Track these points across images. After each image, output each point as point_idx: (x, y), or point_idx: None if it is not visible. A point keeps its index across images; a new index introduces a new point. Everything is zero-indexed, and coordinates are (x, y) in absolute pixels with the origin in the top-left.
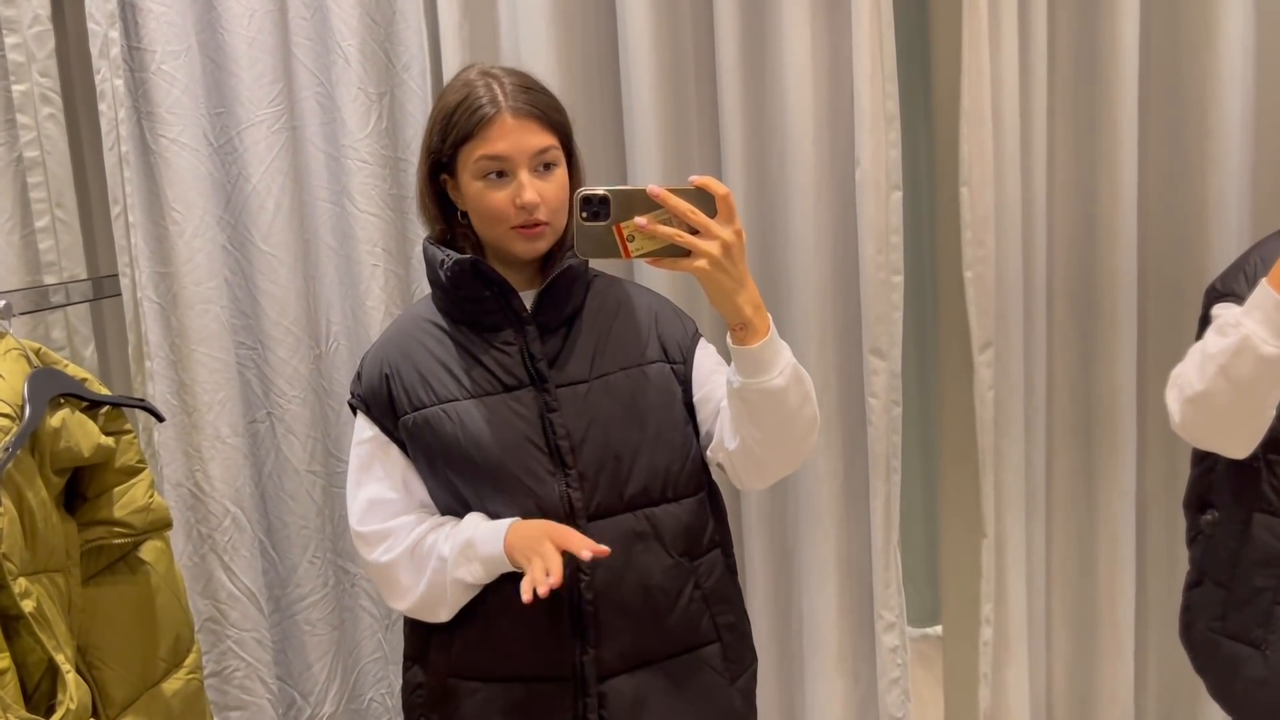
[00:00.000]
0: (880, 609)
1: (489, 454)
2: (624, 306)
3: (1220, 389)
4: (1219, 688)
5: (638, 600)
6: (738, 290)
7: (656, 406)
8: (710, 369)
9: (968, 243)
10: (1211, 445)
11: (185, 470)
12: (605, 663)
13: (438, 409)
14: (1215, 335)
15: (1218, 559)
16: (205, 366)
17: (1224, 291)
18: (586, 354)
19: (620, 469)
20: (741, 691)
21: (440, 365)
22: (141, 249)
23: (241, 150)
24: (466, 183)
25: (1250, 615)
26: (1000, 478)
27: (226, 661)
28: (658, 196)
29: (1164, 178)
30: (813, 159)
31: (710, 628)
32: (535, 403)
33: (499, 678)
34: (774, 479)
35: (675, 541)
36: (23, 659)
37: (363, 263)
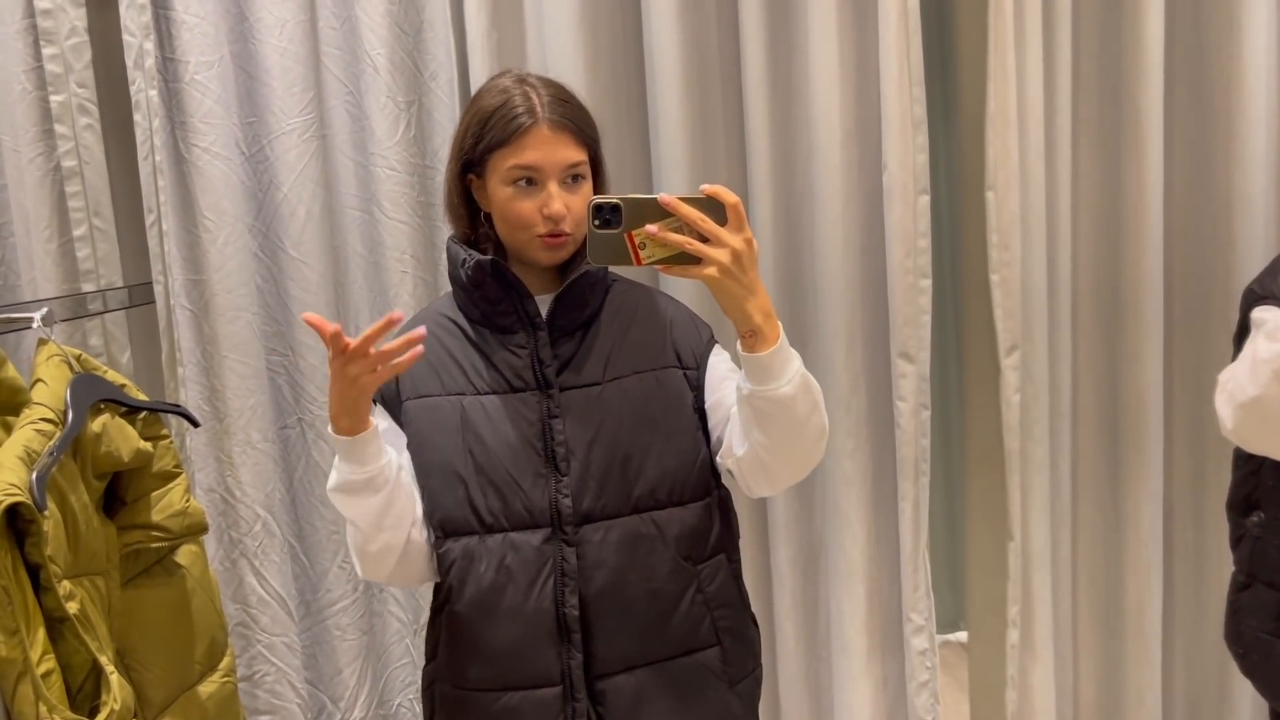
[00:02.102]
0: (909, 612)
1: (486, 449)
2: (641, 311)
3: (1275, 394)
4: (1272, 688)
5: (640, 601)
6: (748, 297)
7: (668, 411)
8: (723, 375)
9: (993, 246)
10: (1266, 450)
11: (217, 476)
12: (605, 662)
13: (444, 399)
14: (1266, 340)
15: (1268, 561)
16: (236, 373)
17: (1262, 294)
18: (602, 357)
19: (629, 470)
20: (741, 696)
21: (451, 359)
22: (175, 256)
23: (273, 159)
24: (495, 187)
25: None
26: (1026, 480)
27: (257, 666)
28: (669, 205)
29: (1189, 180)
30: (840, 164)
31: (711, 631)
32: (539, 406)
33: (491, 686)
34: (783, 486)
35: (679, 544)
36: (67, 660)
37: (391, 269)
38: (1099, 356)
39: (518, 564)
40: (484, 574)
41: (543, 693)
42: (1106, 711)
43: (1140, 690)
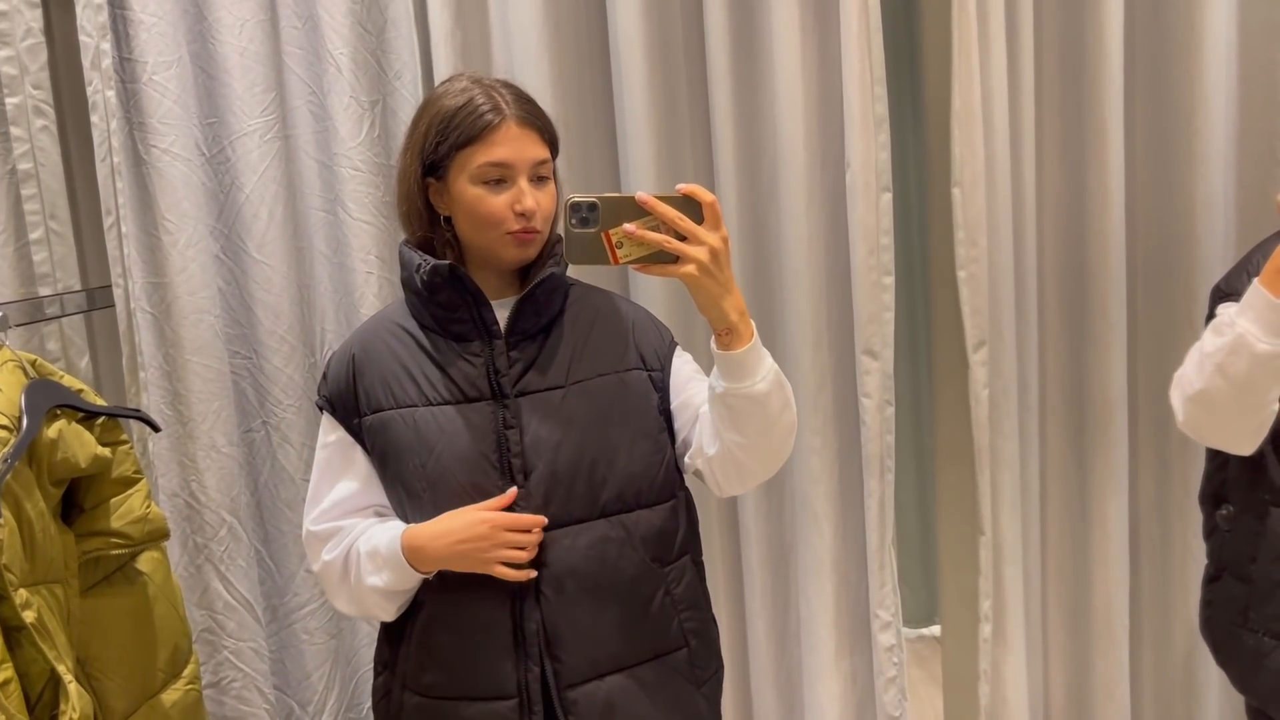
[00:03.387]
0: (876, 608)
1: (438, 462)
2: (601, 314)
3: (1218, 386)
4: (1244, 680)
5: (611, 605)
6: (724, 295)
7: (632, 412)
8: (688, 376)
9: (960, 243)
10: (1215, 443)
11: (181, 480)
12: (576, 670)
13: (394, 413)
14: (1212, 335)
15: (1237, 553)
16: (200, 376)
17: (1228, 291)
18: (564, 360)
19: (595, 474)
20: (707, 697)
21: (403, 370)
22: (135, 259)
23: (234, 160)
24: (462, 187)
25: (1273, 608)
26: (996, 475)
27: (224, 672)
28: (646, 204)
29: (1152, 177)
30: (804, 162)
31: (679, 633)
32: (493, 416)
33: (446, 695)
34: (754, 484)
35: (648, 546)
36: (25, 669)
37: (356, 270)
38: (1065, 352)
39: (475, 577)
40: (442, 583)
41: (498, 705)
42: (1077, 703)
43: (1109, 683)
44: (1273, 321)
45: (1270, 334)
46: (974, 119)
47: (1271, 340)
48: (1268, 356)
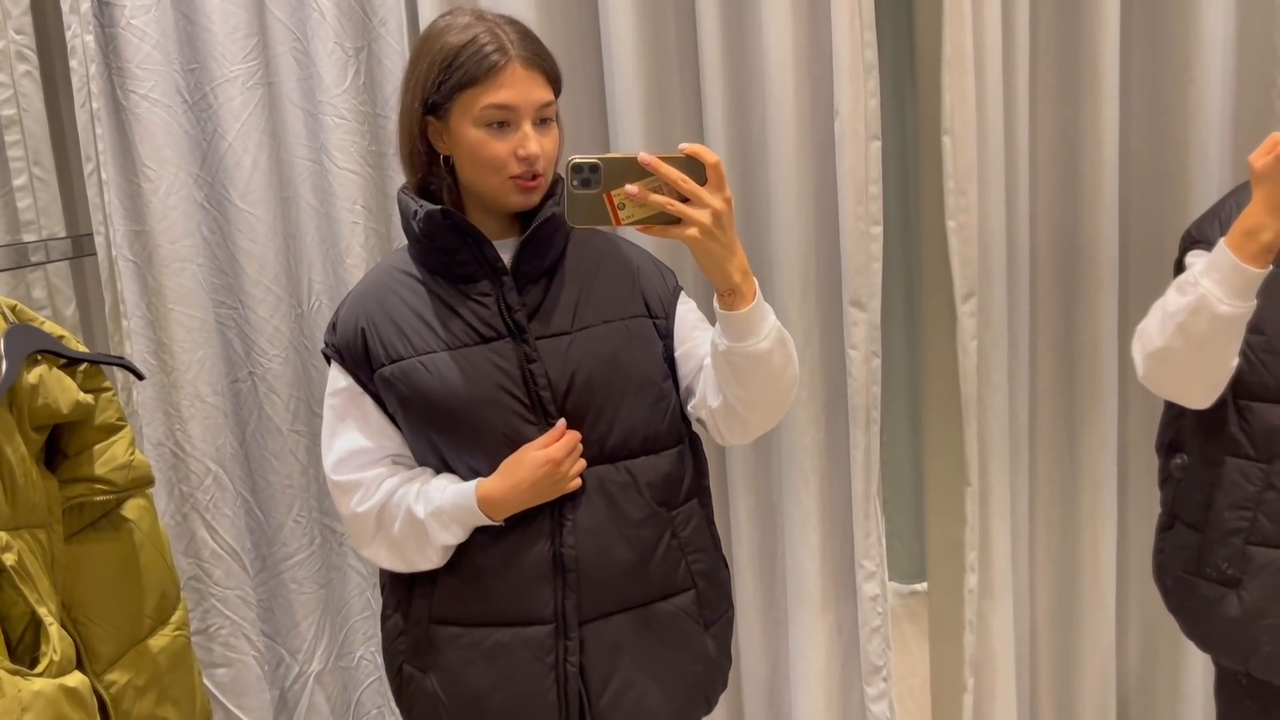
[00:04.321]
0: (861, 559)
1: (467, 406)
2: (605, 259)
3: (1178, 345)
4: (1193, 627)
5: (618, 548)
6: (728, 257)
7: (638, 360)
8: (692, 324)
9: (950, 192)
10: (1173, 397)
11: (166, 430)
12: (584, 608)
13: (415, 360)
14: (1176, 293)
15: (1190, 502)
16: (183, 326)
17: (1198, 238)
18: (569, 306)
19: (601, 421)
20: (715, 637)
21: (416, 317)
22: (115, 206)
23: (216, 107)
24: (464, 129)
25: (1224, 556)
26: (984, 427)
27: (211, 619)
28: (648, 164)
29: (1147, 126)
30: (793, 111)
31: (686, 575)
32: (515, 354)
33: (483, 623)
34: (755, 435)
35: (654, 491)
36: (5, 612)
37: (342, 220)
38: (1056, 304)
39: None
40: None
41: (534, 630)
42: (1063, 654)
43: (1095, 632)
44: (1236, 284)
45: (1232, 296)
46: (965, 66)
47: (1233, 302)
48: (1229, 318)
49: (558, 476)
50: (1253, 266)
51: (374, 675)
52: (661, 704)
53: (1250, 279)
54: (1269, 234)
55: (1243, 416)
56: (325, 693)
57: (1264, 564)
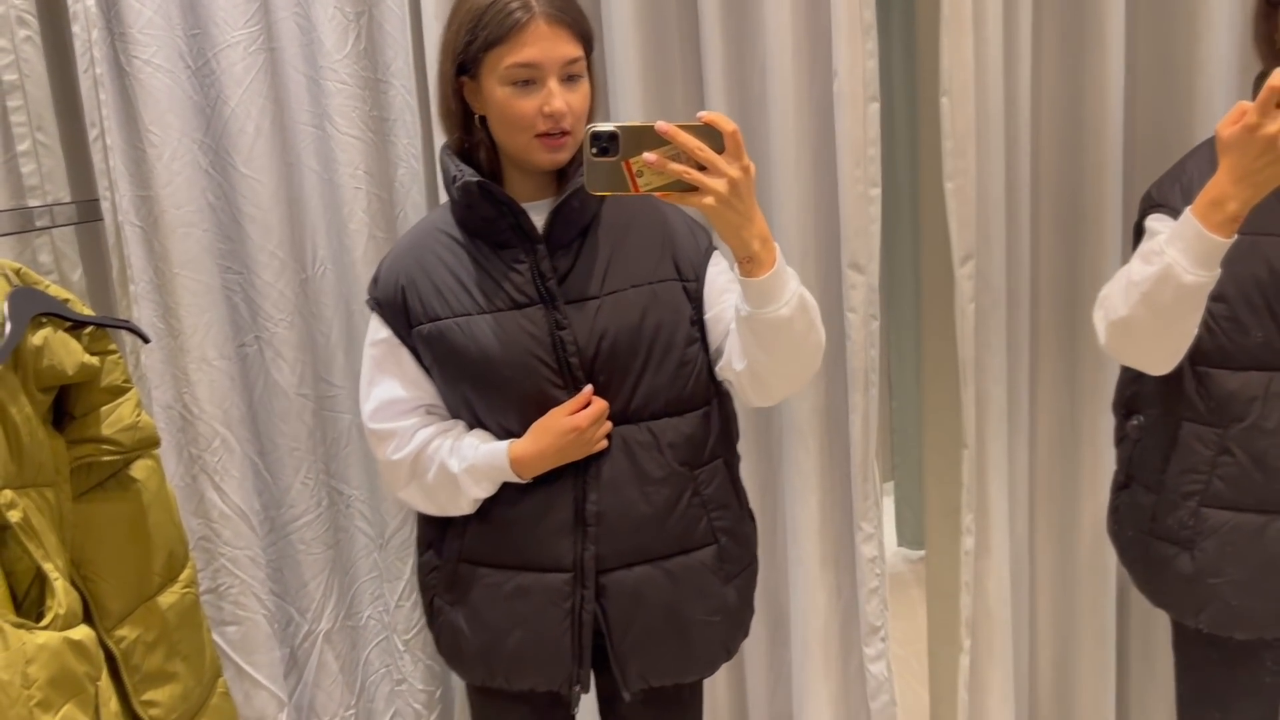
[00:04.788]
0: (859, 520)
1: (500, 369)
2: (637, 221)
3: (1142, 315)
4: (1147, 583)
5: (638, 503)
6: (745, 225)
7: (665, 325)
8: (722, 287)
9: (948, 154)
10: (1134, 363)
11: (174, 393)
12: (606, 558)
13: (451, 322)
14: (1140, 263)
15: (1146, 463)
16: (188, 290)
17: (1159, 201)
18: (599, 270)
19: (626, 384)
20: (737, 589)
21: (454, 279)
22: (120, 172)
23: (219, 72)
24: (491, 87)
25: (1179, 517)
26: (982, 390)
27: (221, 579)
28: (666, 133)
29: (1152, 85)
30: (792, 73)
31: (708, 531)
32: (546, 320)
33: (507, 565)
34: (780, 398)
35: (675, 452)
36: (11, 568)
37: (345, 186)
38: (1059, 266)
39: None
40: None
41: (553, 577)
42: (1062, 615)
43: (1094, 595)
44: (1201, 253)
45: (1198, 265)
46: (964, 26)
47: (1198, 271)
48: (1193, 287)
49: (582, 443)
50: (1218, 236)
51: (381, 635)
52: (680, 651)
53: (1215, 248)
54: (1235, 204)
55: (1200, 382)
56: (334, 651)
57: (1217, 525)
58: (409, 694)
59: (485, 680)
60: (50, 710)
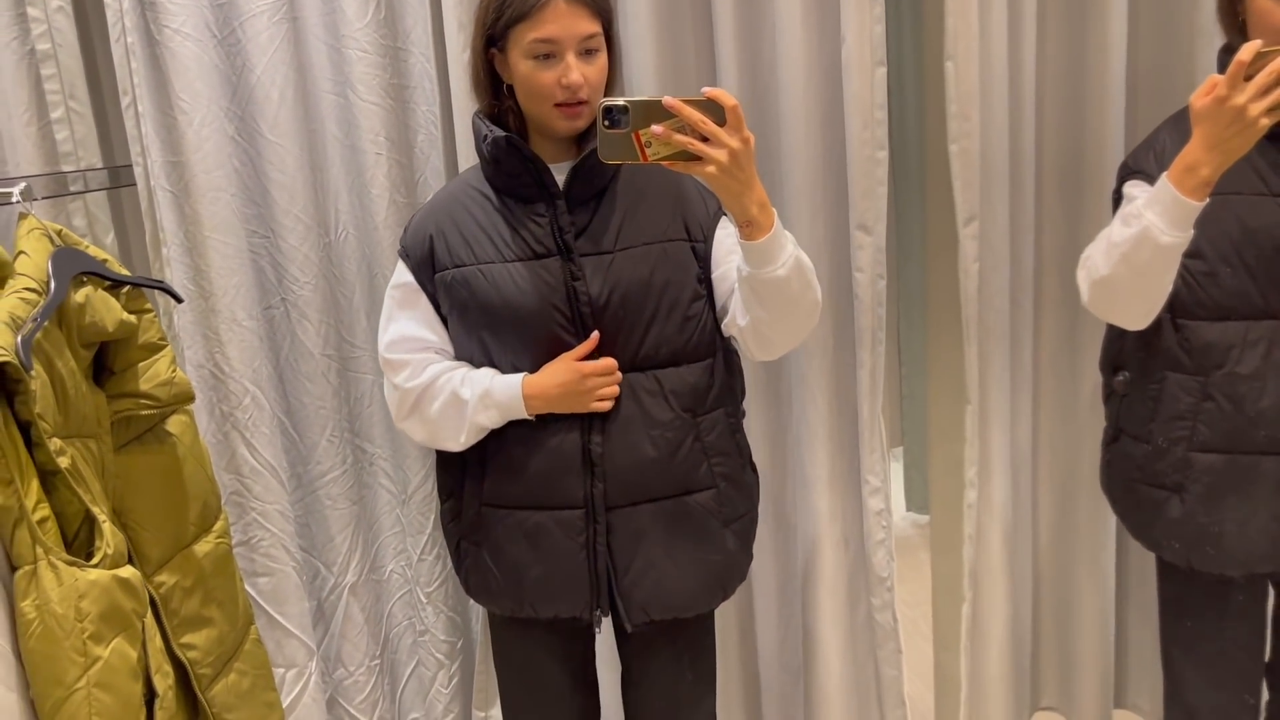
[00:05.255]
0: (866, 474)
1: (518, 313)
2: (652, 183)
3: (1122, 274)
4: (1140, 529)
5: (643, 445)
6: (744, 192)
7: (672, 282)
8: (729, 249)
9: (952, 117)
10: (1114, 319)
11: (206, 352)
12: (612, 496)
13: (476, 269)
14: (1120, 225)
15: (1134, 416)
16: (219, 253)
17: (1135, 169)
18: (614, 227)
19: (635, 334)
20: (736, 534)
21: (481, 230)
22: (152, 138)
23: (244, 41)
24: (516, 60)
25: (1168, 464)
26: (985, 347)
27: (252, 532)
28: (673, 107)
29: (1154, 48)
30: (801, 39)
31: (708, 475)
32: (562, 271)
33: (524, 506)
34: (781, 353)
35: (679, 399)
36: (61, 510)
37: (366, 152)
38: (1062, 227)
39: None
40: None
41: (567, 514)
42: (1063, 566)
43: (1094, 550)
44: (1177, 216)
45: (1173, 227)
46: None
47: (1174, 233)
48: (1169, 247)
49: (583, 390)
50: (1192, 200)
51: (404, 589)
52: (678, 585)
53: (1190, 211)
54: (1207, 169)
55: (1181, 334)
56: (360, 603)
57: (1204, 469)
58: (431, 644)
59: (514, 611)
60: (101, 642)
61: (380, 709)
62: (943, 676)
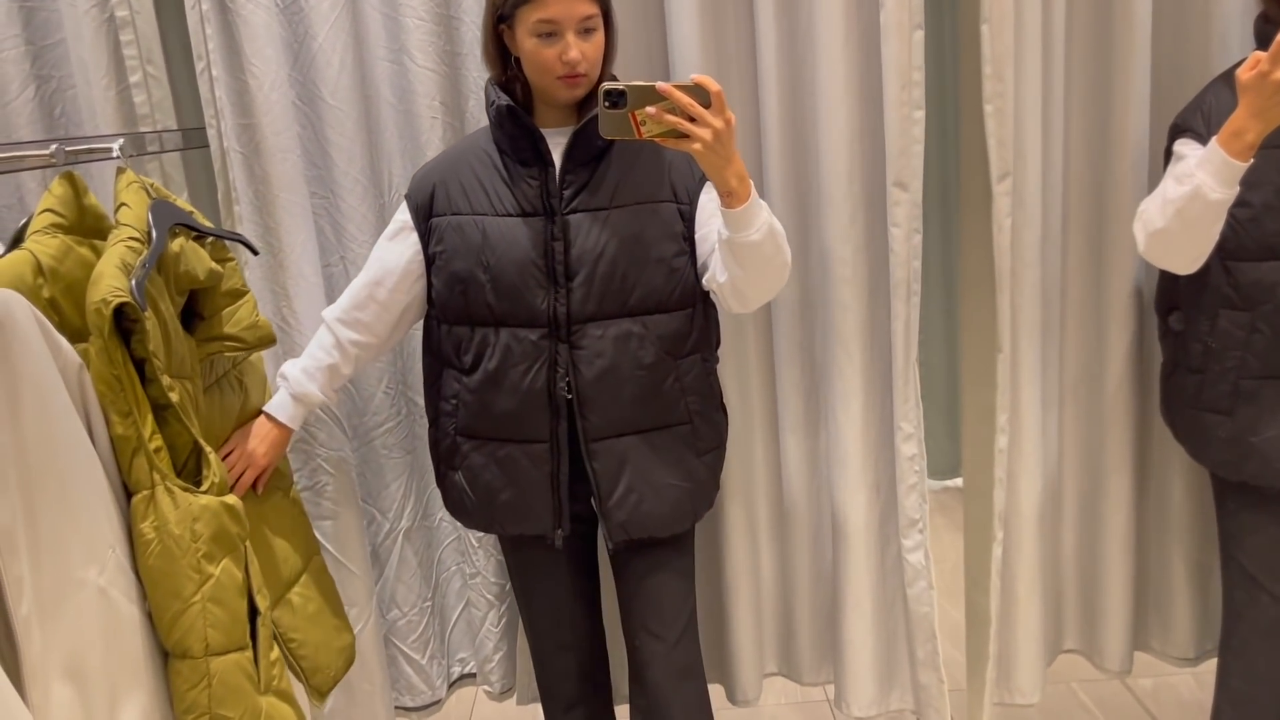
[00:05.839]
0: (900, 421)
1: (499, 262)
2: (645, 151)
3: (1175, 227)
4: (1197, 450)
5: (629, 382)
6: (726, 165)
7: (660, 238)
8: (711, 212)
9: (987, 78)
10: (1168, 265)
11: (274, 305)
12: (600, 428)
13: (470, 218)
14: (1174, 183)
15: (1188, 350)
16: (287, 211)
17: (1184, 128)
18: (610, 186)
19: (626, 283)
20: (706, 464)
21: (480, 185)
22: (225, 102)
23: (307, 10)
24: (522, 37)
25: (1220, 390)
26: (1017, 299)
27: (318, 477)
28: (665, 91)
29: (1174, 16)
30: (841, 2)
31: (684, 411)
32: (544, 230)
33: (495, 439)
34: (755, 306)
35: (662, 342)
36: (172, 442)
37: (422, 116)
38: (1088, 183)
39: (520, 352)
40: (494, 356)
41: (534, 446)
42: (1087, 508)
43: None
44: (1226, 175)
45: (1222, 185)
46: None
47: (1223, 190)
48: (1218, 203)
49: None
50: (1239, 161)
51: (453, 535)
52: (655, 508)
53: (1236, 171)
54: (1252, 134)
55: (1230, 274)
56: (413, 547)
57: (1252, 393)
58: (482, 586)
59: (485, 528)
60: (213, 562)
61: (431, 648)
62: (974, 615)
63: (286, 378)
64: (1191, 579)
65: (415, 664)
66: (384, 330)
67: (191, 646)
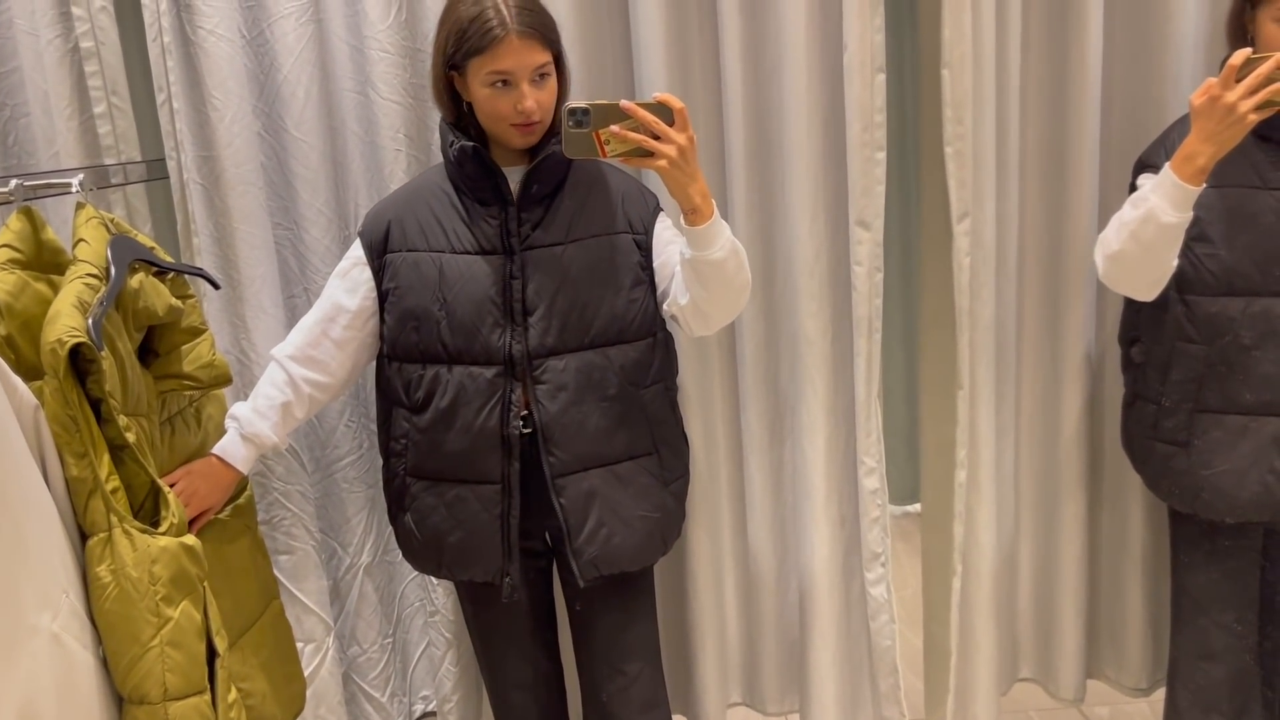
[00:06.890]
0: (862, 455)
1: (456, 299)
2: (598, 184)
3: (1131, 249)
4: (1153, 480)
5: (593, 415)
6: (689, 183)
7: (617, 268)
8: (667, 240)
9: (948, 120)
10: (1125, 291)
11: (233, 338)
12: (566, 464)
13: (426, 254)
14: (1130, 207)
15: (1147, 382)
16: (247, 243)
17: (1147, 164)
18: (565, 221)
19: (586, 315)
20: (673, 493)
21: (437, 222)
22: (186, 134)
23: (272, 41)
24: (475, 87)
25: (1176, 422)
26: (975, 336)
27: (274, 511)
28: (628, 109)
29: (1127, 61)
30: (804, 43)
31: (649, 442)
32: (502, 268)
33: (445, 479)
34: (717, 328)
35: (625, 373)
36: (129, 482)
37: (386, 148)
38: (1042, 224)
39: (473, 390)
40: (446, 394)
41: (485, 487)
42: (1042, 540)
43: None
44: (1177, 198)
45: (1174, 208)
46: (963, 3)
47: (1175, 213)
48: (1171, 226)
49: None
50: (1190, 185)
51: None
52: (626, 540)
53: (1188, 195)
54: (1204, 159)
55: (1188, 309)
56: (374, 583)
57: (1207, 426)
58: (442, 624)
59: (434, 572)
60: (172, 604)
61: (392, 685)
62: (933, 647)
63: (237, 419)
64: (1145, 609)
65: (375, 702)
66: (340, 370)
67: (149, 692)
